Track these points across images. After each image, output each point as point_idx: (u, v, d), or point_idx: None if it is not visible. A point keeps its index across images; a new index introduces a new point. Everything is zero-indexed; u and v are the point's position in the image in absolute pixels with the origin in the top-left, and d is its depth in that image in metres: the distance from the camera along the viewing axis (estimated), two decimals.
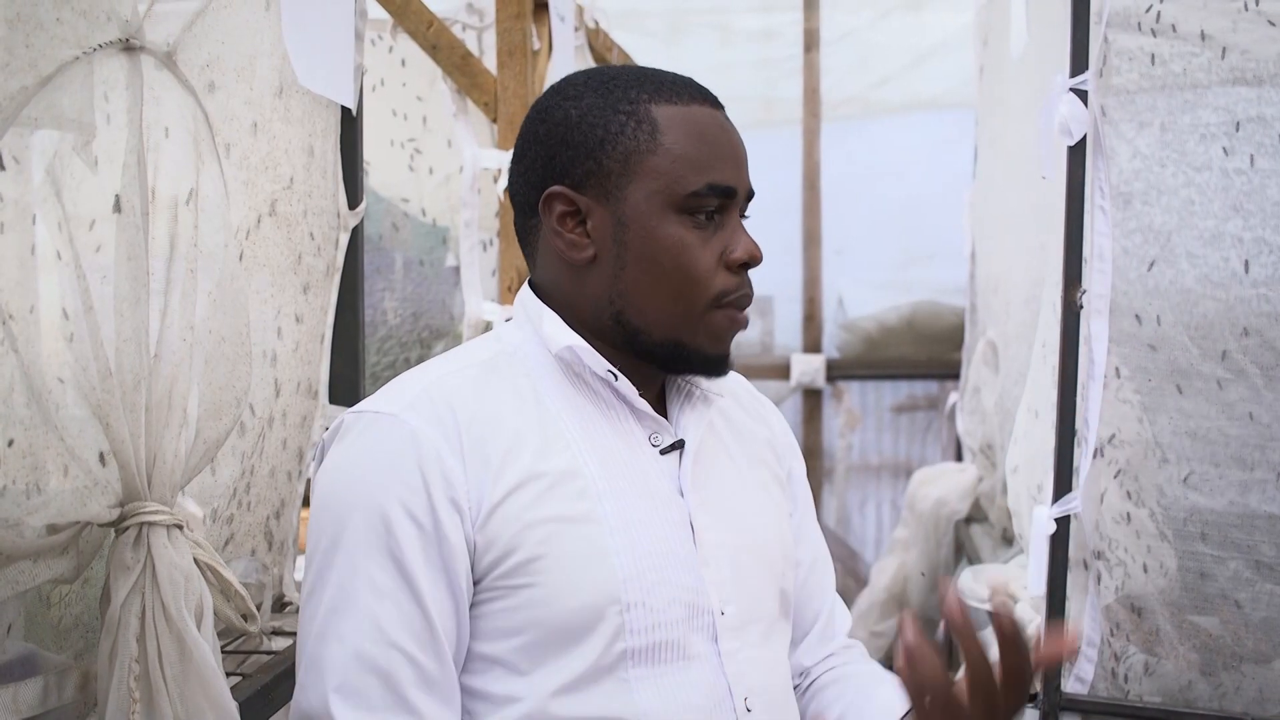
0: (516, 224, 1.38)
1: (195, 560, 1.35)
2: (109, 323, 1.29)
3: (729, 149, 1.30)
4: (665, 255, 1.27)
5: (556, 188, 1.29)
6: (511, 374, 1.31)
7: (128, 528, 1.29)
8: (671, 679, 1.26)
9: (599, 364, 1.30)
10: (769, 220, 5.38)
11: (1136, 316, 1.92)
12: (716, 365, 1.34)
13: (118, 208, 1.30)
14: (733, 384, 1.48)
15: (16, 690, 1.27)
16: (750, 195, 1.33)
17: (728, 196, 1.29)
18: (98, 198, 1.33)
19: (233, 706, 1.33)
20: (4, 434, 1.23)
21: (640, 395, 1.32)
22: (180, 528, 1.33)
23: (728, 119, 1.32)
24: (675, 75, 1.32)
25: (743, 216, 1.33)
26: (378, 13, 2.49)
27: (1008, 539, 3.32)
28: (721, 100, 1.35)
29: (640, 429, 1.33)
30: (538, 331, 1.33)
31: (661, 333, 1.30)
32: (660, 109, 1.27)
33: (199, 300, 1.41)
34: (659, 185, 1.26)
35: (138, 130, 1.34)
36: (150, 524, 1.29)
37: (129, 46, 1.33)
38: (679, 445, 1.35)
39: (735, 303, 1.31)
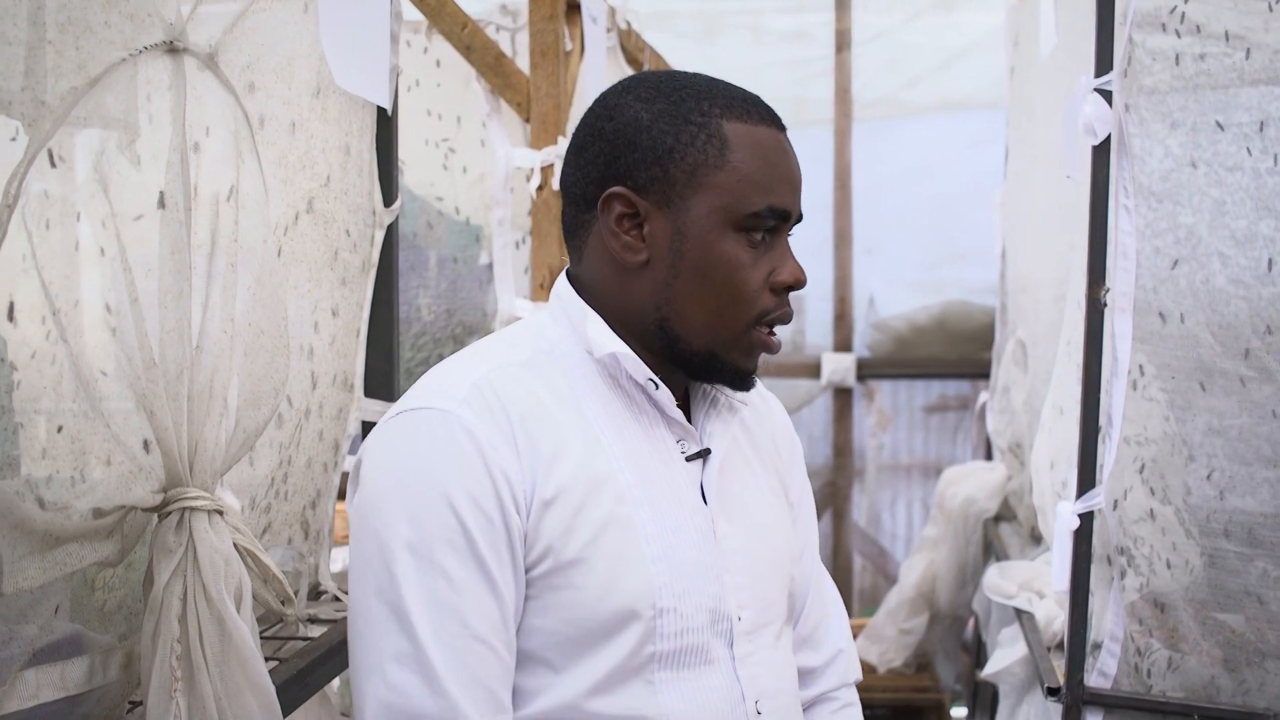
0: (566, 215, 1.39)
1: (235, 545, 1.39)
2: (153, 315, 1.33)
3: (789, 172, 1.32)
4: (718, 270, 1.29)
5: (619, 188, 1.30)
6: (550, 374, 1.33)
7: (170, 512, 1.34)
8: (694, 683, 1.30)
9: (641, 372, 1.33)
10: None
11: (1160, 314, 1.93)
12: (745, 379, 1.36)
13: (162, 204, 1.35)
14: None
15: (64, 668, 1.31)
16: (800, 219, 1.35)
17: (783, 219, 1.31)
18: (142, 195, 1.38)
19: (270, 686, 1.37)
20: (53, 421, 1.28)
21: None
22: (220, 513, 1.37)
23: (789, 142, 1.34)
24: (745, 93, 1.33)
25: (789, 235, 1.36)
26: (412, 14, 2.53)
27: (1036, 537, 3.33)
28: None
29: (669, 435, 1.36)
30: (578, 331, 1.35)
31: (701, 343, 1.32)
32: (730, 125, 1.29)
33: (239, 294, 1.45)
34: (722, 201, 1.28)
35: (181, 129, 1.38)
36: (192, 509, 1.33)
37: (173, 48, 1.38)
38: (704, 453, 1.38)
39: (774, 321, 1.34)
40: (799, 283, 1.32)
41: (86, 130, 1.33)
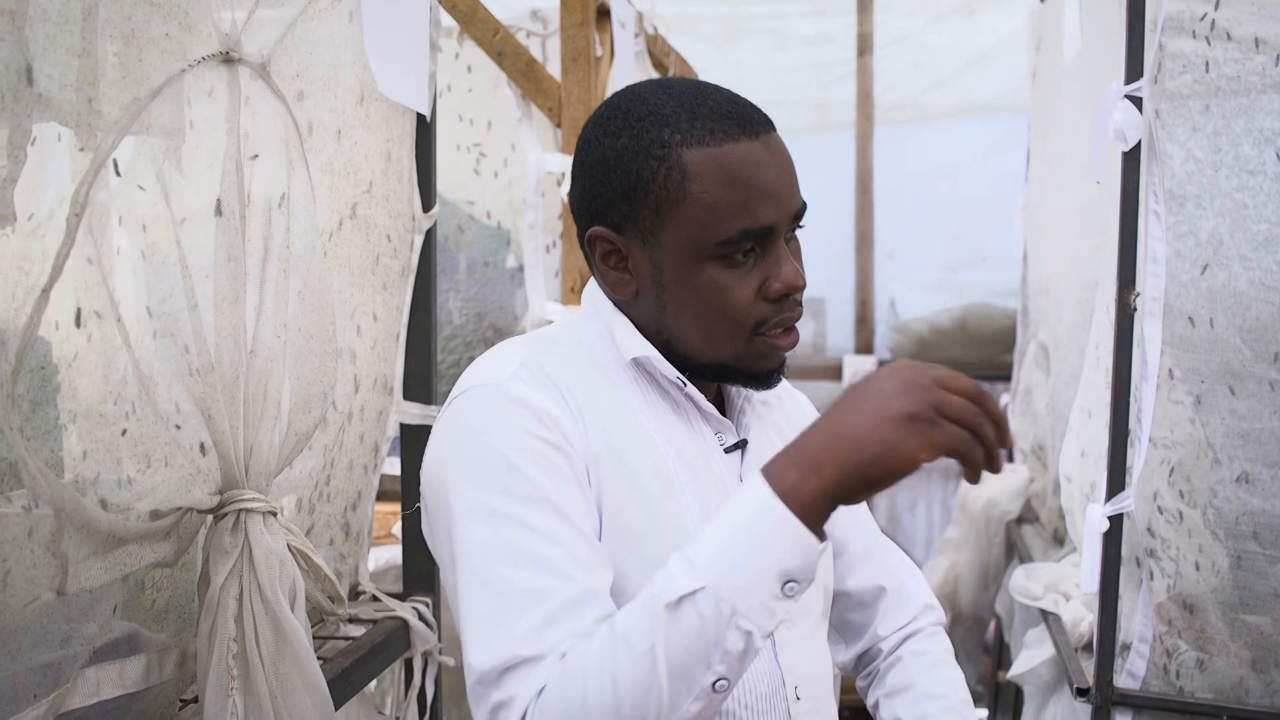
0: (579, 237, 1.40)
1: (288, 545, 1.42)
2: (209, 320, 1.36)
3: (764, 185, 1.27)
4: (700, 299, 1.29)
5: (598, 228, 1.32)
6: (590, 366, 1.35)
7: (226, 514, 1.37)
8: None
9: (670, 371, 1.35)
10: (822, 223, 5.39)
11: (1190, 318, 1.95)
12: (765, 379, 1.37)
13: (219, 211, 1.38)
14: None
15: (123, 666, 1.34)
16: (799, 212, 1.32)
17: (764, 235, 1.28)
18: (194, 201, 1.41)
19: (324, 684, 1.40)
20: (118, 425, 1.31)
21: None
22: (275, 514, 1.40)
23: (769, 142, 1.29)
24: (713, 105, 1.28)
25: (799, 226, 1.33)
26: (445, 20, 2.56)
27: (1059, 539, 3.34)
28: (776, 104, 1.34)
29: (708, 429, 1.38)
30: (611, 334, 1.37)
31: (708, 358, 1.34)
32: (691, 154, 1.25)
33: (290, 299, 1.48)
34: (690, 234, 1.26)
35: (235, 138, 1.41)
36: (248, 510, 1.37)
37: (228, 58, 1.41)
38: (741, 444, 1.40)
39: (777, 325, 1.32)
40: (793, 289, 1.30)
41: (138, 138, 1.36)
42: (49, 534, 1.17)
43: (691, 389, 1.36)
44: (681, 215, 1.26)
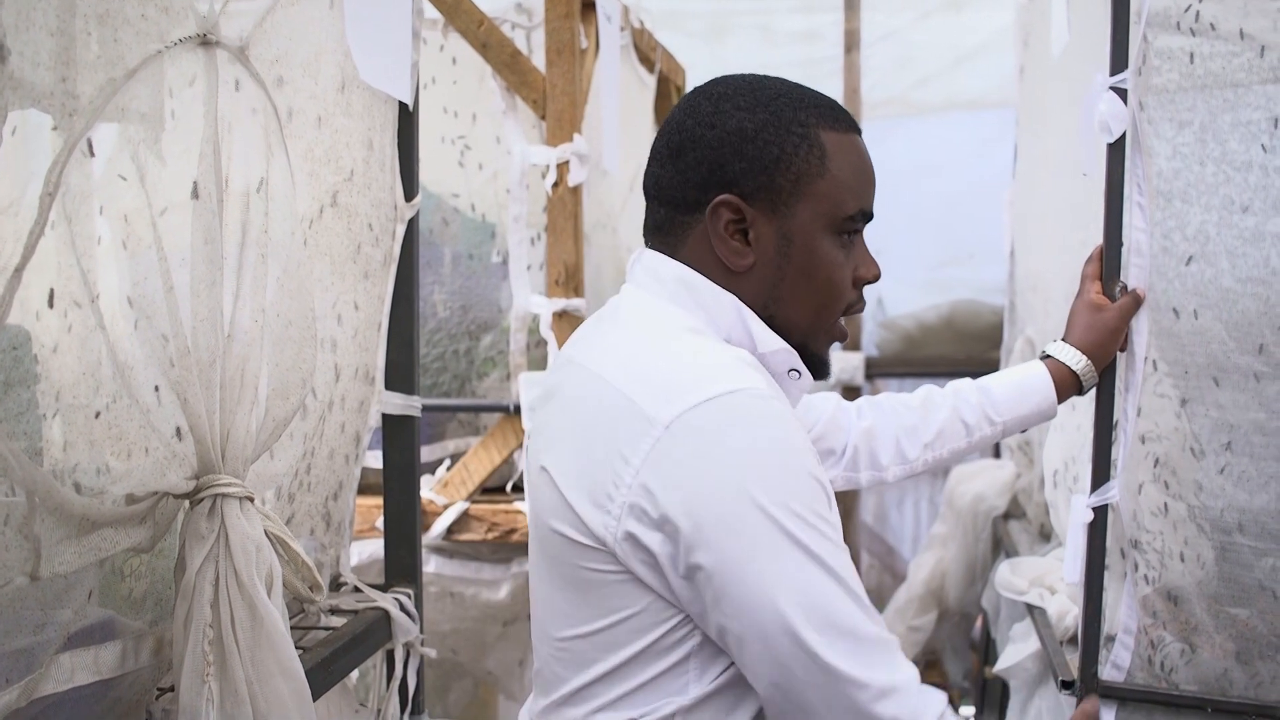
0: (658, 215, 1.44)
1: (265, 531, 1.41)
2: (185, 304, 1.35)
3: (872, 176, 1.44)
4: (821, 271, 1.39)
5: (727, 195, 1.37)
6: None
7: (202, 499, 1.36)
8: None
9: (789, 364, 1.41)
10: None
11: (1174, 310, 1.95)
12: (825, 366, 1.48)
13: (195, 194, 1.37)
14: None
15: (97, 653, 1.33)
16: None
17: (868, 220, 1.43)
18: (171, 187, 1.40)
19: (301, 671, 1.39)
20: (92, 406, 1.30)
21: None
22: (251, 500, 1.39)
23: (864, 144, 1.44)
24: (831, 101, 1.42)
25: None
26: (429, 12, 2.55)
27: (1045, 534, 3.34)
28: None
29: None
30: (716, 322, 1.39)
31: (798, 335, 1.42)
32: (827, 135, 1.38)
33: (268, 285, 1.47)
34: (824, 208, 1.38)
35: (213, 121, 1.40)
36: (224, 495, 1.36)
37: (206, 41, 1.40)
38: None
39: (852, 313, 1.46)
40: (877, 278, 1.45)
41: (115, 122, 1.35)
42: (21, 517, 1.15)
43: (804, 380, 1.44)
44: (819, 190, 1.37)
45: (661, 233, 1.43)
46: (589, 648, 1.33)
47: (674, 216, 1.41)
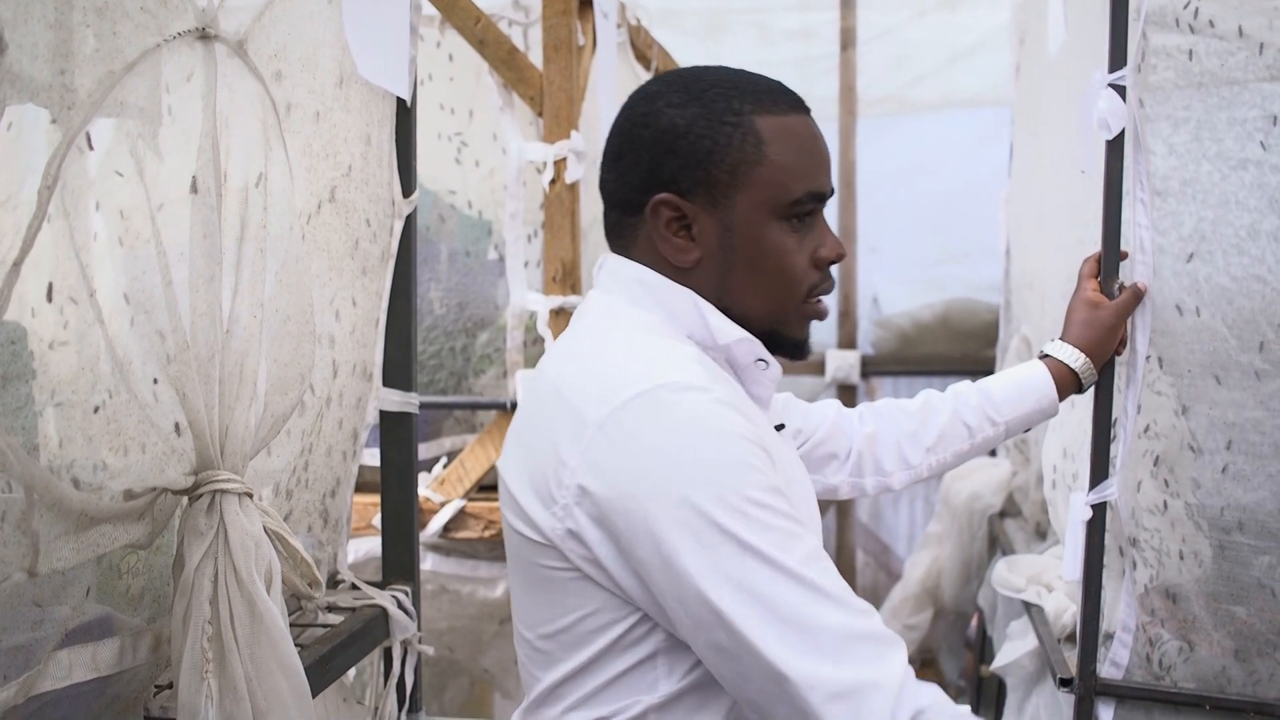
0: (610, 219, 1.44)
1: (264, 528, 1.40)
2: (184, 299, 1.34)
3: (822, 155, 1.40)
4: (769, 259, 1.37)
5: (665, 195, 1.35)
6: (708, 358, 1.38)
7: (201, 495, 1.35)
8: None
9: (754, 354, 1.39)
10: None
11: (1177, 308, 1.95)
12: (802, 349, 1.44)
13: (194, 189, 1.36)
14: None
15: (95, 649, 1.33)
16: (832, 193, 1.42)
17: (821, 200, 1.39)
18: (169, 181, 1.39)
19: (300, 667, 1.38)
20: (90, 401, 1.29)
21: None
22: (250, 496, 1.39)
23: (814, 122, 1.40)
24: (769, 83, 1.39)
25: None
26: (426, 9, 2.55)
27: (1041, 533, 3.34)
28: None
29: (763, 413, 1.43)
30: (678, 319, 1.37)
31: (761, 325, 1.39)
32: (763, 120, 1.35)
33: (267, 280, 1.47)
34: (765, 195, 1.35)
35: (212, 115, 1.40)
36: (223, 491, 1.35)
37: (205, 35, 1.39)
38: (779, 426, 1.50)
39: (821, 292, 1.42)
40: (840, 256, 1.41)
41: (113, 117, 1.34)
42: (19, 512, 1.15)
43: (772, 369, 1.42)
44: (757, 177, 1.34)
45: (616, 235, 1.43)
46: (555, 647, 1.32)
47: (623, 219, 1.41)
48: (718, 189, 1.35)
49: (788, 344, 1.43)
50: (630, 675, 1.29)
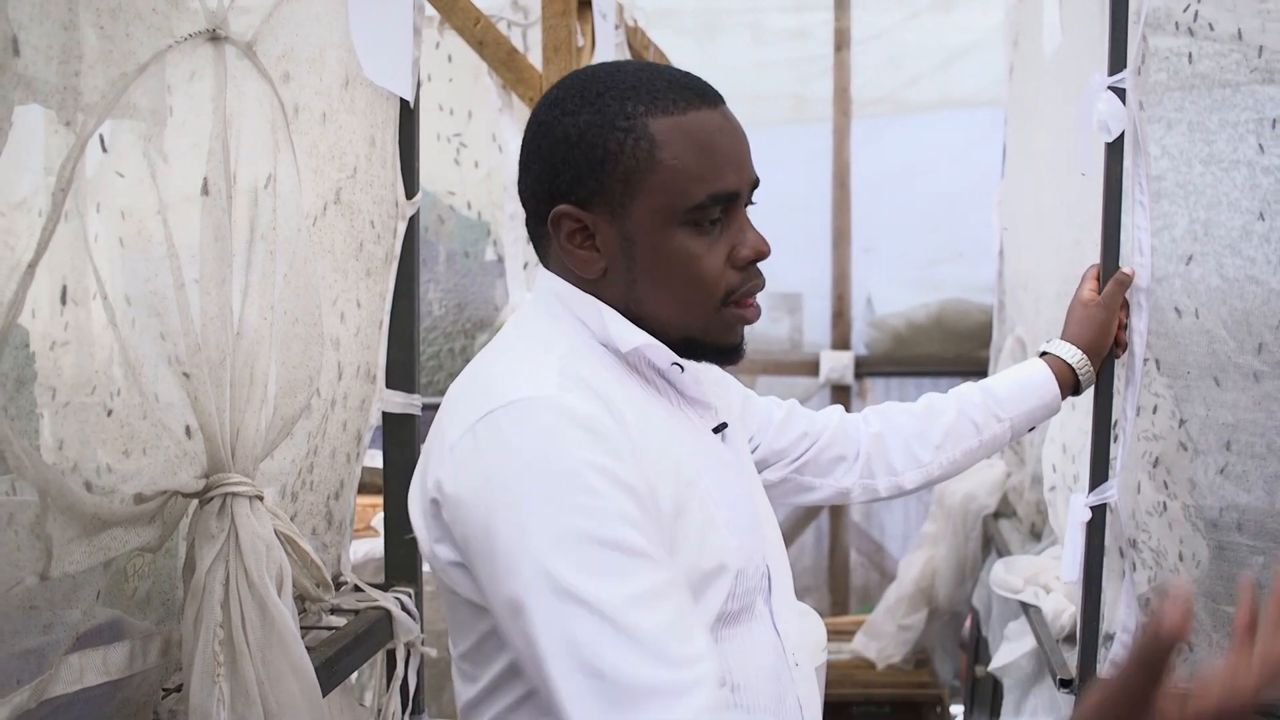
0: (528, 226, 1.38)
1: (274, 530, 1.40)
2: (195, 301, 1.34)
3: (728, 152, 1.30)
4: (674, 267, 1.29)
5: (563, 206, 1.29)
6: (601, 365, 1.31)
7: (212, 498, 1.35)
8: (748, 639, 1.32)
9: (666, 358, 1.33)
10: (799, 217, 5.44)
11: (1176, 310, 1.95)
12: (731, 353, 1.37)
13: (205, 190, 1.36)
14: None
15: (106, 653, 1.32)
16: (757, 183, 1.34)
17: (730, 201, 1.30)
18: (178, 183, 1.39)
19: (311, 670, 1.38)
20: (103, 404, 1.29)
21: None
22: (261, 499, 1.39)
23: (727, 112, 1.31)
24: (669, 78, 1.30)
25: (749, 204, 1.34)
26: (426, 10, 2.54)
27: (1035, 533, 3.35)
28: (754, 98, 1.37)
29: (690, 411, 1.39)
30: (587, 327, 1.34)
31: (678, 331, 1.33)
32: (656, 122, 1.26)
33: (276, 282, 1.47)
34: (661, 202, 1.27)
35: (222, 117, 1.40)
36: (234, 494, 1.35)
37: (215, 36, 1.39)
38: (722, 426, 1.43)
39: (745, 294, 1.33)
40: (761, 254, 1.32)
41: (120, 123, 1.34)
42: (33, 516, 1.15)
43: (687, 374, 1.36)
44: (652, 183, 1.27)
45: (536, 246, 1.38)
46: (469, 666, 1.29)
47: (536, 229, 1.35)
48: (614, 198, 1.27)
49: (711, 350, 1.36)
50: (534, 699, 1.23)
